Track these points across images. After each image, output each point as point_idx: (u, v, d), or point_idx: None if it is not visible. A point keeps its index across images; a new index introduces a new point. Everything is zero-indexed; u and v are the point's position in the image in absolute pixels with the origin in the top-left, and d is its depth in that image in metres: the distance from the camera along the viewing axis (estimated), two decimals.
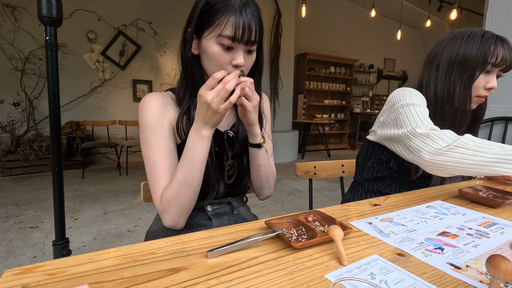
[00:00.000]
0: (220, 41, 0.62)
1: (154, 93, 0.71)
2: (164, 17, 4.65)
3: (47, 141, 3.76)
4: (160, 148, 0.66)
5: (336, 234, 0.46)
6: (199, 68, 0.70)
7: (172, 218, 0.62)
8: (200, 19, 0.64)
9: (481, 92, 0.86)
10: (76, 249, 1.84)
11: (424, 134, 0.73)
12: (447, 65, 0.87)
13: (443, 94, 0.88)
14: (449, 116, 0.88)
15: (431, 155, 0.70)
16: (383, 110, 0.93)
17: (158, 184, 0.64)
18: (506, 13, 1.75)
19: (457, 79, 0.86)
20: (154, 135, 0.66)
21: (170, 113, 0.70)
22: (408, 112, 0.81)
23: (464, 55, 0.84)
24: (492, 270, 0.31)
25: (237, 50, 0.64)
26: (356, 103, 7.21)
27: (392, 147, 0.87)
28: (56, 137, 1.01)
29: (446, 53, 0.87)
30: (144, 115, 0.67)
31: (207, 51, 0.64)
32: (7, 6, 3.66)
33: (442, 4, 5.95)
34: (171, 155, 0.67)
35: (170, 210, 0.62)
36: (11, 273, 0.37)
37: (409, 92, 0.86)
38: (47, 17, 0.94)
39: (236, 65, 0.64)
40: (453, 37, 0.87)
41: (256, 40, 0.64)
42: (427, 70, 0.93)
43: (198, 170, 0.61)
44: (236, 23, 0.60)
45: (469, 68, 0.83)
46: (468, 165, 0.65)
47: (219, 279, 0.38)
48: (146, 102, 0.68)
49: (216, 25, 0.61)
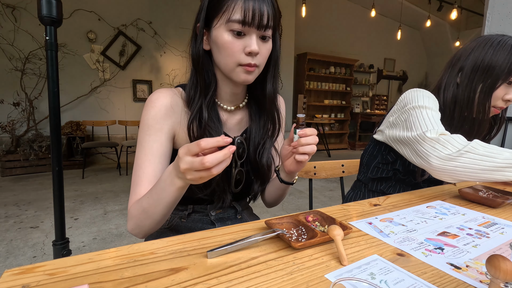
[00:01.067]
0: (230, 27, 0.57)
1: (163, 91, 0.66)
2: (164, 17, 4.65)
3: (47, 141, 3.76)
4: (150, 152, 0.62)
5: (336, 234, 0.46)
6: (211, 65, 0.66)
7: (130, 229, 0.61)
8: (208, 9, 0.61)
9: (498, 103, 0.84)
10: (76, 249, 1.84)
11: (434, 139, 0.71)
12: (471, 69, 0.84)
13: (462, 99, 0.85)
14: (467, 124, 0.86)
15: (441, 161, 0.69)
16: (393, 110, 0.91)
17: (135, 189, 0.61)
18: (506, 13, 1.75)
19: (478, 86, 0.83)
20: (150, 136, 0.63)
21: (175, 116, 0.66)
22: (419, 114, 0.79)
23: (490, 61, 0.81)
24: (492, 270, 0.31)
25: (249, 35, 0.58)
26: (356, 103, 7.21)
27: (399, 149, 0.86)
28: (56, 137, 1.01)
29: (472, 57, 0.85)
30: (147, 113, 0.64)
31: (217, 40, 0.60)
32: (7, 6, 3.66)
33: (442, 4, 5.95)
34: (158, 162, 0.63)
35: (130, 222, 0.60)
36: (11, 273, 0.37)
37: (422, 94, 0.84)
38: (47, 17, 0.94)
39: (250, 52, 0.59)
40: (482, 42, 0.84)
41: (269, 25, 0.59)
42: (448, 71, 0.90)
43: (163, 209, 0.55)
44: (245, 6, 0.56)
45: (492, 76, 0.81)
46: (478, 171, 0.64)
47: (219, 279, 0.38)
48: (152, 100, 0.65)
49: (224, 11, 0.57)
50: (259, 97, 0.72)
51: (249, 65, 0.60)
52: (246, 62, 0.59)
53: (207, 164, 0.42)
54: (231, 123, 0.73)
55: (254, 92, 0.73)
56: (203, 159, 0.42)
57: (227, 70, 0.62)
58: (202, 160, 0.42)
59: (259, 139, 0.73)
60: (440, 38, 7.60)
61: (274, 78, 0.70)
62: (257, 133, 0.73)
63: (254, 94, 0.73)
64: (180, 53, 4.85)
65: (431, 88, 0.94)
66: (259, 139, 0.73)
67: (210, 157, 0.42)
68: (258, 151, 0.73)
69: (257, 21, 0.57)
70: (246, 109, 0.76)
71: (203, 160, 0.42)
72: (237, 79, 0.62)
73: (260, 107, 0.73)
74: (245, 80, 0.62)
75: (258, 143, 0.73)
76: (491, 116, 0.92)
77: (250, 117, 0.75)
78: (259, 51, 0.60)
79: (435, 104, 0.84)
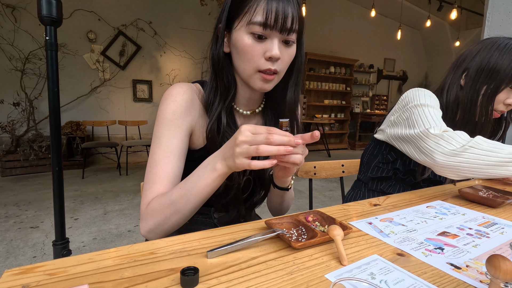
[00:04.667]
0: (250, 30, 0.54)
1: (184, 86, 0.63)
2: (164, 17, 4.65)
3: (47, 141, 3.76)
4: (169, 148, 0.59)
5: (336, 234, 0.46)
6: (231, 68, 0.63)
7: (147, 230, 0.56)
8: (230, 10, 0.57)
9: (499, 106, 0.84)
10: (76, 249, 1.84)
11: (438, 135, 0.71)
12: (476, 71, 0.84)
13: (465, 101, 0.85)
14: (469, 127, 0.86)
15: (445, 156, 0.69)
16: (394, 109, 0.91)
17: (151, 187, 0.58)
18: (506, 13, 1.75)
19: (482, 88, 0.83)
20: (169, 132, 0.59)
21: (194, 114, 0.63)
22: (421, 112, 0.79)
23: (495, 64, 0.80)
24: (492, 270, 0.31)
25: (271, 39, 0.55)
26: (356, 103, 7.21)
27: (401, 147, 0.86)
28: (56, 137, 1.00)
29: (477, 59, 0.84)
30: (166, 106, 0.60)
31: (237, 43, 0.56)
32: (7, 6, 3.66)
33: (442, 4, 5.95)
34: (177, 159, 0.60)
35: (149, 221, 0.55)
36: (11, 273, 0.37)
37: (423, 93, 0.84)
38: (47, 17, 0.94)
39: (270, 57, 0.55)
40: (488, 44, 0.84)
41: (293, 28, 0.55)
42: (452, 72, 0.90)
43: (195, 201, 0.53)
44: (268, 7, 0.52)
45: (497, 79, 0.81)
46: (482, 166, 0.65)
47: (219, 279, 0.38)
48: (172, 94, 0.61)
49: (246, 12, 0.54)
50: (278, 104, 0.68)
51: (268, 71, 0.56)
52: (266, 67, 0.56)
53: (271, 139, 0.43)
54: None
55: (273, 98, 0.69)
56: (269, 133, 0.44)
57: (245, 75, 0.59)
58: (268, 134, 0.44)
59: None
60: (440, 38, 7.60)
61: (296, 85, 0.66)
62: None
63: (273, 100, 0.70)
64: (180, 53, 4.85)
65: (434, 88, 0.94)
66: None
67: (276, 136, 0.44)
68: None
69: (280, 24, 0.53)
70: (262, 114, 0.73)
71: (269, 133, 0.44)
72: (254, 86, 0.60)
73: (277, 115, 0.70)
74: (262, 88, 0.59)
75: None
76: (496, 119, 0.91)
77: (265, 123, 0.72)
78: (281, 56, 0.56)
79: (436, 102, 0.84)
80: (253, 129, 0.45)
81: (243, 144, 0.44)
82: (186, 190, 0.52)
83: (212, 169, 0.50)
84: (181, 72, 4.92)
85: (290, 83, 0.65)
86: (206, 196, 0.53)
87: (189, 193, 0.52)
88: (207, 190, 0.52)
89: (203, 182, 0.51)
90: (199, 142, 0.66)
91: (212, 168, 0.50)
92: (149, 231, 0.56)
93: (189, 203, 0.53)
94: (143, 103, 4.75)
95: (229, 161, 0.47)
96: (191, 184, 0.52)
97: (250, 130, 0.45)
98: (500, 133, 0.95)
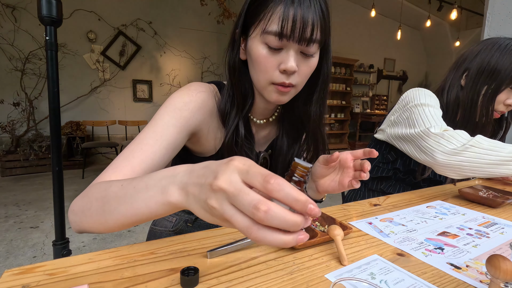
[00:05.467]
0: (265, 40, 0.49)
1: (203, 85, 0.57)
2: (164, 17, 4.65)
3: (47, 141, 3.76)
4: (162, 133, 0.50)
5: (336, 234, 0.46)
6: (248, 75, 0.57)
7: (71, 209, 0.43)
8: (246, 15, 0.53)
9: (500, 107, 0.84)
10: (76, 249, 1.84)
11: (438, 134, 0.72)
12: (477, 72, 0.84)
13: (466, 101, 0.85)
14: (469, 127, 0.86)
15: (446, 155, 0.69)
16: (394, 109, 0.92)
17: (118, 163, 0.46)
18: (506, 13, 1.75)
19: (482, 89, 0.83)
20: (170, 118, 0.52)
21: (206, 117, 0.58)
22: (421, 112, 0.79)
23: (496, 64, 0.81)
24: (492, 270, 0.31)
25: (287, 50, 0.49)
26: (356, 103, 7.21)
27: (402, 147, 0.86)
28: (56, 137, 1.00)
29: (478, 59, 0.84)
30: (179, 96, 0.54)
31: (251, 52, 0.52)
32: (7, 6, 3.66)
33: (442, 4, 5.94)
34: (165, 148, 0.50)
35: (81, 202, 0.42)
36: (11, 273, 0.37)
37: (423, 93, 0.84)
38: (47, 17, 0.94)
39: (285, 70, 0.50)
40: (489, 44, 0.84)
41: (315, 39, 0.48)
42: (453, 72, 0.90)
43: (121, 218, 0.36)
44: (284, 15, 0.46)
45: (497, 80, 0.81)
46: (483, 165, 0.65)
47: (219, 279, 0.38)
48: (191, 89, 0.56)
49: (261, 19, 0.49)
50: (301, 119, 0.63)
51: (282, 85, 0.51)
52: (280, 81, 0.51)
53: (262, 209, 0.22)
54: (258, 136, 0.67)
55: (293, 110, 0.64)
56: (262, 201, 0.23)
57: (259, 86, 0.55)
58: (259, 202, 0.23)
59: (290, 160, 0.67)
60: (440, 38, 7.60)
61: (322, 100, 0.60)
62: (286, 144, 0.67)
63: (292, 111, 0.65)
64: (180, 53, 4.85)
65: (435, 88, 0.94)
66: (290, 160, 0.67)
67: (275, 208, 0.23)
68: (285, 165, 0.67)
69: (298, 33, 0.47)
70: (276, 123, 0.69)
71: (261, 202, 0.23)
72: (268, 98, 0.55)
73: (295, 125, 0.66)
74: (278, 100, 0.55)
75: (285, 152, 0.66)
76: (497, 120, 0.92)
77: (278, 131, 0.68)
78: (298, 69, 0.50)
79: (436, 102, 0.84)
80: (245, 173, 0.25)
81: (221, 193, 0.25)
82: (123, 193, 0.35)
83: (162, 189, 0.31)
84: (181, 72, 4.92)
85: (315, 97, 0.59)
86: (138, 221, 0.35)
87: (122, 202, 0.35)
88: (144, 213, 0.33)
89: (142, 200, 0.33)
90: (210, 149, 0.62)
91: (162, 188, 0.31)
92: (71, 211, 0.43)
93: (116, 214, 0.36)
94: (143, 103, 4.75)
95: (191, 198, 0.28)
96: (133, 190, 0.34)
97: (241, 172, 0.25)
98: (500, 134, 0.95)
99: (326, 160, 0.55)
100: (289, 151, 0.67)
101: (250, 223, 0.24)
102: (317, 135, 0.64)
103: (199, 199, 0.27)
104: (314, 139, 0.65)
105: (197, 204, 0.28)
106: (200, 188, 0.27)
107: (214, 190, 0.25)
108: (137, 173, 0.46)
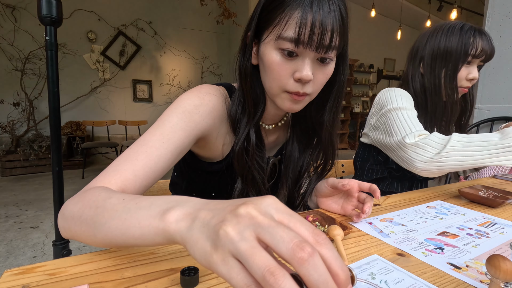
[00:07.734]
0: (279, 45, 0.46)
1: (214, 88, 0.55)
2: (164, 17, 4.65)
3: (47, 141, 3.76)
4: (169, 135, 0.48)
5: (336, 234, 0.46)
6: (260, 81, 0.55)
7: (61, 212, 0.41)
8: (260, 19, 0.50)
9: (464, 83, 0.88)
10: (76, 249, 1.84)
11: (414, 144, 0.75)
12: (431, 58, 0.88)
13: (430, 87, 0.90)
14: (439, 109, 0.90)
15: (425, 164, 0.73)
16: (372, 112, 0.94)
17: (119, 165, 0.44)
18: (506, 13, 1.75)
19: (441, 72, 0.87)
20: (179, 120, 0.49)
21: (216, 121, 0.55)
22: (396, 117, 0.83)
23: (446, 47, 0.85)
24: (492, 270, 0.31)
25: (303, 57, 0.47)
26: (356, 103, 7.21)
27: (386, 153, 0.90)
28: (56, 137, 1.00)
29: (428, 47, 0.89)
30: (190, 98, 0.51)
31: (264, 58, 0.49)
32: (7, 6, 3.66)
33: (442, 4, 5.95)
34: (171, 152, 0.48)
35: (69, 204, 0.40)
36: (11, 273, 0.37)
37: (395, 94, 0.87)
38: (47, 17, 0.94)
39: (300, 79, 0.47)
40: (434, 31, 0.89)
41: (332, 45, 0.46)
42: (411, 64, 0.94)
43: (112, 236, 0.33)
44: (301, 20, 0.43)
45: (452, 61, 0.85)
46: (462, 165, 0.70)
47: (219, 279, 0.38)
48: (202, 92, 0.53)
49: (276, 24, 0.46)
50: (313, 126, 0.62)
51: (297, 94, 0.49)
52: (294, 90, 0.49)
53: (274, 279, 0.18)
54: (267, 141, 0.66)
55: (307, 118, 0.63)
56: (277, 269, 0.18)
57: (271, 93, 0.53)
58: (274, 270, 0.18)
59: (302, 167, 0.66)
60: None
61: (336, 108, 0.57)
62: (297, 148, 0.66)
63: (306, 119, 0.63)
64: (180, 53, 4.86)
65: (400, 82, 0.98)
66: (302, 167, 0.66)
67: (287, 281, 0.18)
68: (299, 185, 0.66)
69: (316, 41, 0.44)
70: (285, 127, 0.68)
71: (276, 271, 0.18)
72: (281, 106, 0.53)
73: (307, 131, 0.65)
74: (291, 109, 0.52)
75: (296, 159, 0.65)
76: (462, 97, 0.95)
77: (288, 136, 0.67)
78: (313, 77, 0.48)
79: (410, 101, 0.87)
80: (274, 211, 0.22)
81: (248, 219, 0.21)
82: (122, 206, 0.33)
83: (165, 209, 0.27)
84: (181, 72, 4.92)
85: (329, 105, 0.57)
86: (130, 244, 0.32)
87: (119, 214, 0.32)
88: (133, 232, 0.30)
89: (137, 218, 0.30)
90: (217, 154, 0.60)
91: (165, 209, 0.27)
92: (61, 215, 0.40)
93: (107, 227, 0.33)
94: (143, 103, 4.75)
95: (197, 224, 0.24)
96: (134, 205, 0.31)
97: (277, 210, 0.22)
98: (469, 110, 0.99)
99: (335, 186, 0.58)
100: (301, 158, 0.66)
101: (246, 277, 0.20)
102: (328, 144, 0.62)
103: (209, 224, 0.22)
104: (325, 147, 0.63)
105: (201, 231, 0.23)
106: (218, 211, 0.23)
107: (237, 215, 0.21)
108: (138, 176, 0.44)
